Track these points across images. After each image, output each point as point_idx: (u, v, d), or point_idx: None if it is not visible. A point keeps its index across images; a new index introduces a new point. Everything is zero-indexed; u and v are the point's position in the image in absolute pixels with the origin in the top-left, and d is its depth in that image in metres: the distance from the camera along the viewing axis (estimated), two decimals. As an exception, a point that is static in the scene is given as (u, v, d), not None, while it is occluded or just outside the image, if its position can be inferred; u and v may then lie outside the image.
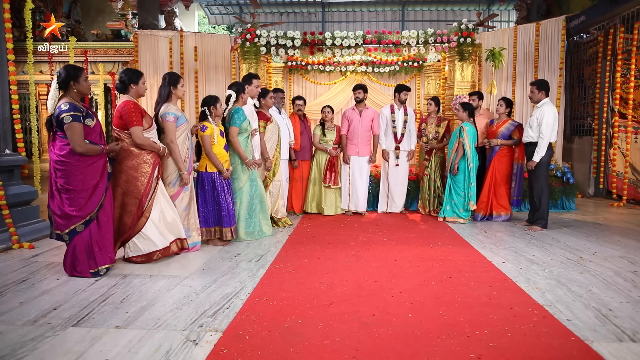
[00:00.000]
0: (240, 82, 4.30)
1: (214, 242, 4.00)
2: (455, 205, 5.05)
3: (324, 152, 5.58)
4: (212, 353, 1.97)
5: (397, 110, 5.63)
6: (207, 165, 3.90)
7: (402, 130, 5.59)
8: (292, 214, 5.59)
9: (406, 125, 5.60)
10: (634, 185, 6.53)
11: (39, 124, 9.83)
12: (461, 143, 4.91)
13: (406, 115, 5.61)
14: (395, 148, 5.63)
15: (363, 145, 5.54)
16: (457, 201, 5.03)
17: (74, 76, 3.01)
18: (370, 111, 5.57)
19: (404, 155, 5.66)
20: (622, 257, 3.58)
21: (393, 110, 5.63)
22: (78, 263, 3.04)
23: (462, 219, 5.02)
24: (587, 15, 6.94)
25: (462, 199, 5.00)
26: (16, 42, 4.67)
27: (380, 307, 2.51)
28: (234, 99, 4.13)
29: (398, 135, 5.60)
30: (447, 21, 12.22)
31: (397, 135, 5.60)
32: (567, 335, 2.16)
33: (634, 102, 6.51)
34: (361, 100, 5.50)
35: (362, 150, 5.54)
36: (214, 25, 15.77)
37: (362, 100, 5.51)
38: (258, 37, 6.25)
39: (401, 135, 5.59)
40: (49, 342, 2.07)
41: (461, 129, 4.93)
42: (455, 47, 6.19)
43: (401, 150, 5.64)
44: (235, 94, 4.14)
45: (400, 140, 5.61)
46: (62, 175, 2.98)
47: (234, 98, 4.13)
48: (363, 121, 5.51)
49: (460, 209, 5.02)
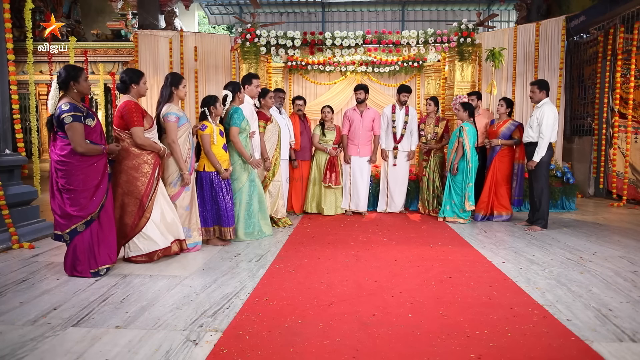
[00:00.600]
0: (235, 82, 4.30)
1: (214, 241, 4.00)
2: (455, 206, 5.05)
3: (324, 152, 5.59)
4: (212, 353, 1.97)
5: (398, 110, 5.66)
6: (206, 165, 3.91)
7: (401, 130, 5.60)
8: (292, 214, 5.59)
9: (406, 126, 5.61)
10: (634, 185, 6.53)
11: (39, 124, 9.83)
12: (461, 143, 4.90)
13: (407, 115, 5.62)
14: (393, 148, 5.65)
15: (364, 146, 5.54)
16: (457, 201, 5.02)
17: (74, 76, 3.02)
18: (371, 111, 5.58)
19: (402, 156, 5.67)
20: (622, 257, 3.58)
21: (394, 110, 5.66)
22: (79, 263, 3.04)
23: (462, 219, 5.02)
24: (587, 15, 6.94)
25: (461, 198, 5.00)
26: (16, 42, 4.67)
27: (380, 307, 2.51)
28: (230, 99, 4.14)
29: (397, 136, 5.62)
30: (447, 21, 12.21)
31: (396, 136, 5.63)
32: (567, 335, 2.16)
33: (634, 102, 6.52)
34: (362, 100, 5.51)
35: (363, 151, 5.55)
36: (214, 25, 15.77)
37: (363, 101, 5.52)
38: (258, 37, 6.25)
39: (400, 135, 5.61)
40: (49, 342, 2.07)
41: (461, 129, 4.93)
42: (455, 47, 6.19)
43: (400, 151, 5.65)
44: (231, 94, 4.14)
45: (399, 141, 5.63)
46: (63, 175, 2.98)
47: (230, 98, 4.13)
48: (364, 121, 5.51)
49: (460, 209, 5.02)
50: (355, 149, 5.54)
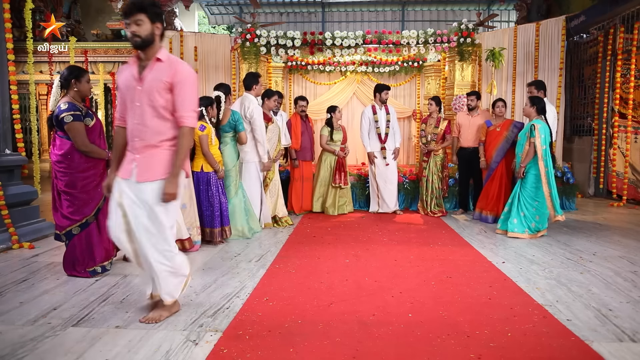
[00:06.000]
0: (226, 84, 4.30)
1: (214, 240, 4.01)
2: (525, 219, 4.27)
3: (332, 153, 5.53)
4: (212, 353, 1.97)
5: (379, 110, 5.60)
6: (203, 165, 3.92)
7: (385, 129, 5.55)
8: (292, 213, 5.59)
9: (389, 125, 5.57)
10: (634, 185, 6.53)
11: (39, 124, 9.83)
12: (532, 144, 4.20)
13: (388, 114, 5.59)
14: (381, 148, 5.57)
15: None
16: (528, 214, 4.26)
17: (77, 75, 3.03)
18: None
19: (390, 155, 5.60)
20: (622, 257, 3.58)
21: (375, 111, 5.59)
22: (77, 263, 3.04)
23: (530, 235, 4.26)
24: (587, 15, 6.94)
25: (534, 210, 4.26)
26: (16, 42, 4.67)
27: (380, 307, 2.51)
28: (224, 99, 4.14)
29: (382, 135, 5.55)
30: (447, 21, 12.21)
31: (381, 136, 5.56)
32: (567, 335, 2.16)
33: (634, 102, 6.51)
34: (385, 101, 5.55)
35: None
36: (214, 25, 15.76)
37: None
38: (258, 37, 6.26)
39: (385, 134, 5.56)
40: (49, 342, 2.07)
41: (532, 126, 4.21)
42: (455, 47, 6.19)
43: (387, 150, 5.58)
44: (224, 95, 4.15)
45: (385, 140, 5.56)
46: (62, 175, 2.98)
47: (223, 98, 4.14)
48: None
49: (532, 222, 4.26)
50: None
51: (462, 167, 5.65)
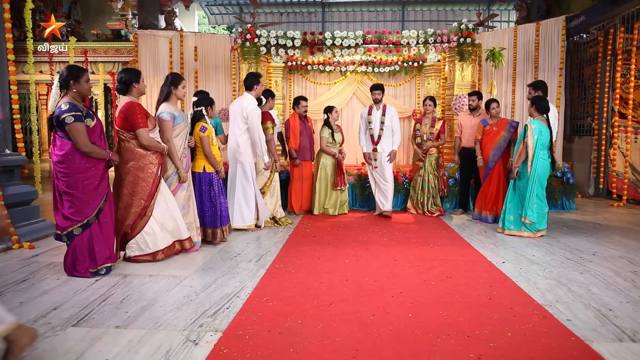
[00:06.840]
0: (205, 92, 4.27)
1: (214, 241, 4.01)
2: (520, 216, 4.33)
3: (332, 156, 5.47)
4: (212, 353, 1.97)
5: (375, 111, 5.40)
6: (206, 166, 3.92)
7: (379, 131, 5.35)
8: (292, 213, 5.59)
9: (383, 126, 5.36)
10: (634, 185, 6.53)
11: (39, 124, 9.83)
12: (525, 144, 4.22)
13: (384, 115, 5.36)
14: (373, 150, 5.42)
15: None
16: (533, 211, 4.23)
17: (75, 75, 3.02)
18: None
19: (383, 157, 5.38)
20: (622, 257, 3.58)
21: (371, 112, 5.43)
22: (78, 263, 3.04)
23: (528, 233, 4.30)
24: (587, 15, 6.94)
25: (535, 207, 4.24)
26: (16, 42, 4.68)
27: (380, 307, 2.51)
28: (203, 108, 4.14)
29: (375, 137, 5.38)
30: (447, 21, 12.20)
31: (373, 137, 5.40)
32: (567, 335, 2.16)
33: (634, 102, 6.51)
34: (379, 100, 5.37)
35: None
36: (214, 25, 15.76)
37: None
38: (258, 37, 6.25)
39: (378, 136, 5.36)
40: (49, 342, 2.07)
41: (526, 127, 4.23)
42: (455, 47, 6.19)
43: (379, 152, 5.38)
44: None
45: (377, 142, 5.37)
46: (62, 176, 2.98)
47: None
48: None
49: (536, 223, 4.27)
50: None
51: (463, 167, 5.65)
